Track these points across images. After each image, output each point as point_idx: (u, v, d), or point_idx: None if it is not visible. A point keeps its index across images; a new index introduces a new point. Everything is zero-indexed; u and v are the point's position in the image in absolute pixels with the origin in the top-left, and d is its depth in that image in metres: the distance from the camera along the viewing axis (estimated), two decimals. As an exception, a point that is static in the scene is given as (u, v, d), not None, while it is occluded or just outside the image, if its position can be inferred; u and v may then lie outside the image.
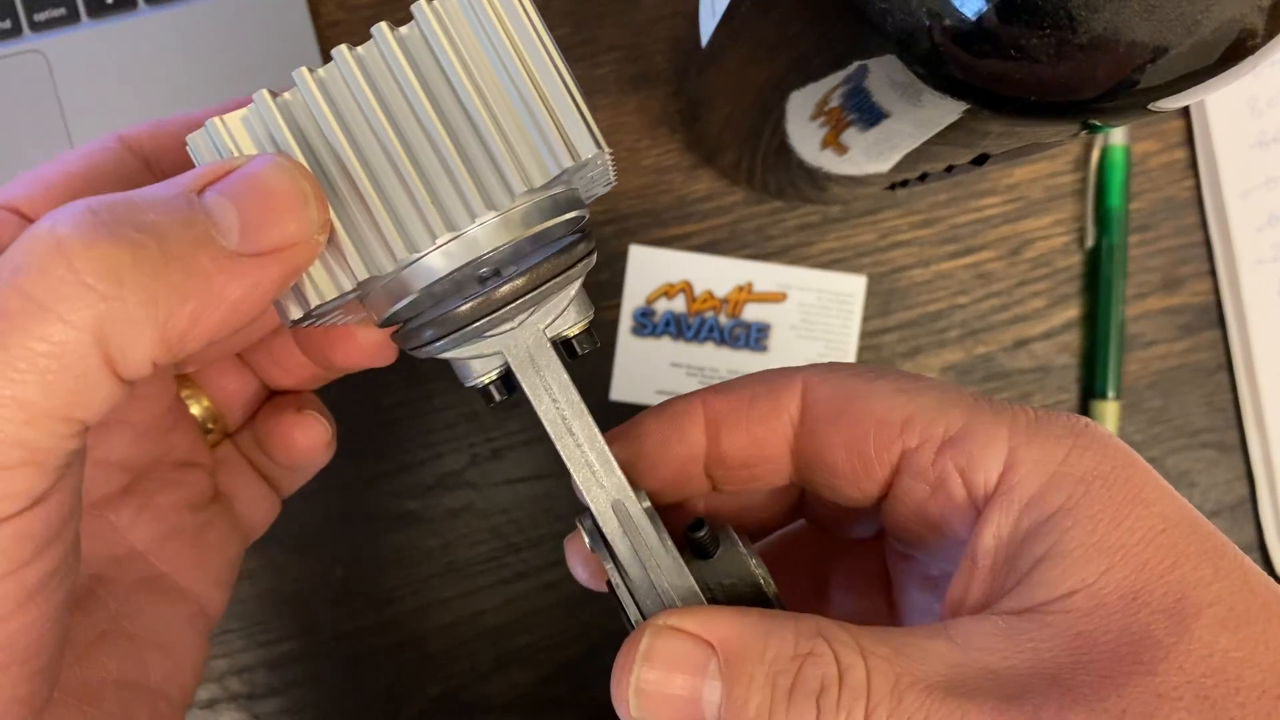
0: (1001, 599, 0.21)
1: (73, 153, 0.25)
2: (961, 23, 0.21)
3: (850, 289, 0.46)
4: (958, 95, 0.23)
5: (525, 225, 0.21)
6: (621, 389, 0.46)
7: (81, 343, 0.18)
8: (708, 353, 0.46)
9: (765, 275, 0.46)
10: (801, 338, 0.46)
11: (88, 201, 0.19)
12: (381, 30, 0.21)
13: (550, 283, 0.22)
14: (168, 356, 0.19)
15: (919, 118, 0.26)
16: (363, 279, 0.21)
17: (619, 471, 0.24)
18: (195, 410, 0.31)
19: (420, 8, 0.21)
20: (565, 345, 0.24)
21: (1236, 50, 0.21)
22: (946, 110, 0.24)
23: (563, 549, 0.27)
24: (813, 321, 0.46)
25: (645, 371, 0.46)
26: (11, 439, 0.18)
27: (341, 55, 0.21)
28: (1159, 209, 0.48)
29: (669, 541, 0.23)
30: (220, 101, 0.25)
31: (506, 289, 0.22)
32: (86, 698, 0.25)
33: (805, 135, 0.34)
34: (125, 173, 0.25)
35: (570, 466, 0.24)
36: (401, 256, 0.21)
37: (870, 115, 0.28)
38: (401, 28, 0.21)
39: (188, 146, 0.22)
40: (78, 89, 0.43)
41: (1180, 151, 0.48)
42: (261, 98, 0.21)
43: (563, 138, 0.21)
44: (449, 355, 0.24)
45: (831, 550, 0.30)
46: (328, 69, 0.21)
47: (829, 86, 0.28)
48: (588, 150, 0.21)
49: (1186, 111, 0.48)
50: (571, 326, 0.24)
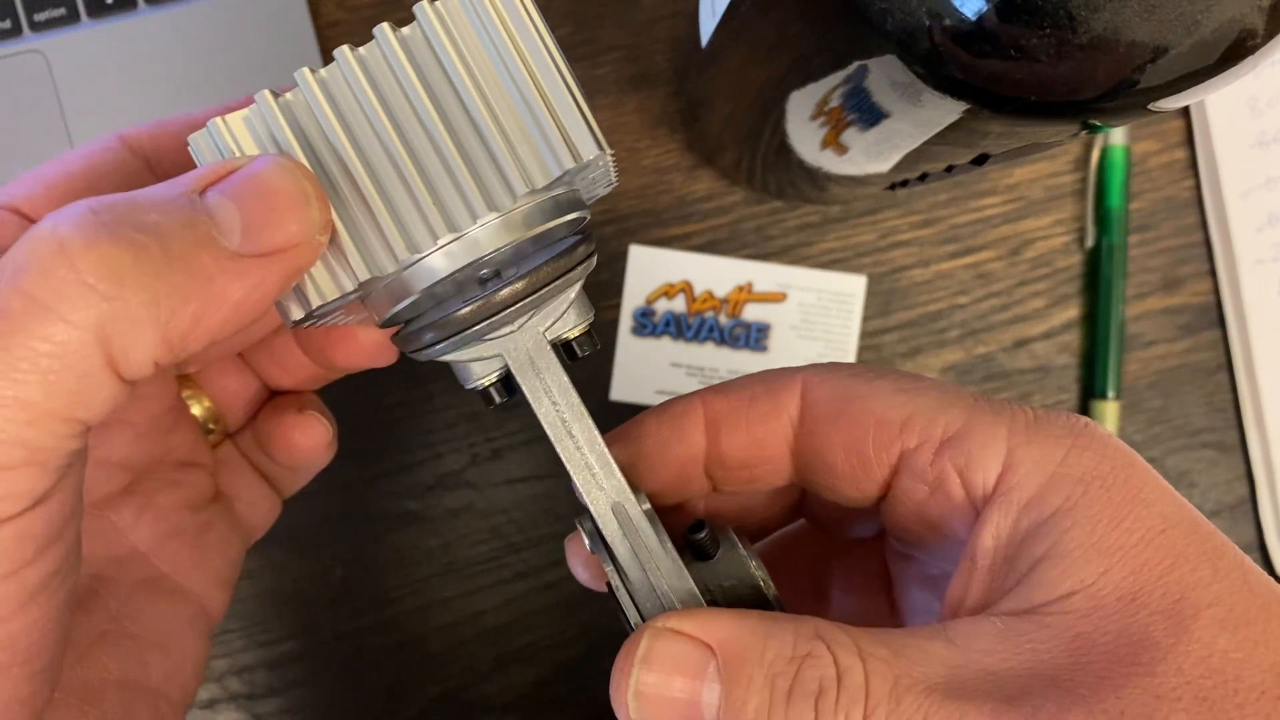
0: (1001, 600, 0.21)
1: (74, 153, 0.25)
2: (961, 23, 0.21)
3: (850, 289, 0.46)
4: (958, 95, 0.23)
5: (527, 226, 0.21)
6: (621, 389, 0.46)
7: (83, 343, 0.18)
8: (708, 353, 0.46)
9: (765, 275, 0.46)
10: (801, 338, 0.46)
11: (89, 202, 0.19)
12: (383, 31, 0.21)
13: (550, 285, 0.22)
14: (169, 357, 0.19)
15: (919, 118, 0.26)
16: (364, 279, 0.21)
17: (619, 474, 0.24)
18: (196, 410, 0.31)
19: (422, 8, 0.21)
20: (565, 347, 0.24)
21: (1236, 50, 0.21)
22: (946, 110, 0.24)
23: (563, 549, 0.27)
24: (813, 321, 0.46)
25: (645, 371, 0.46)
26: (13, 439, 0.18)
27: (343, 56, 0.21)
28: (1159, 209, 0.48)
29: (669, 543, 0.23)
30: (221, 101, 0.25)
31: (506, 292, 0.22)
32: (87, 698, 0.25)
33: (805, 135, 0.34)
34: (126, 173, 0.25)
35: (570, 469, 0.24)
36: (403, 257, 0.21)
37: (870, 115, 0.28)
38: (403, 28, 0.21)
39: (189, 147, 0.22)
40: (78, 89, 0.43)
41: (1180, 151, 0.48)
42: (263, 98, 0.21)
43: (564, 139, 0.21)
44: (449, 358, 0.23)
45: (831, 550, 0.30)
46: (329, 69, 0.21)
47: (829, 86, 0.28)
48: (589, 151, 0.21)
49: (1186, 111, 0.48)
50: (571, 329, 0.24)
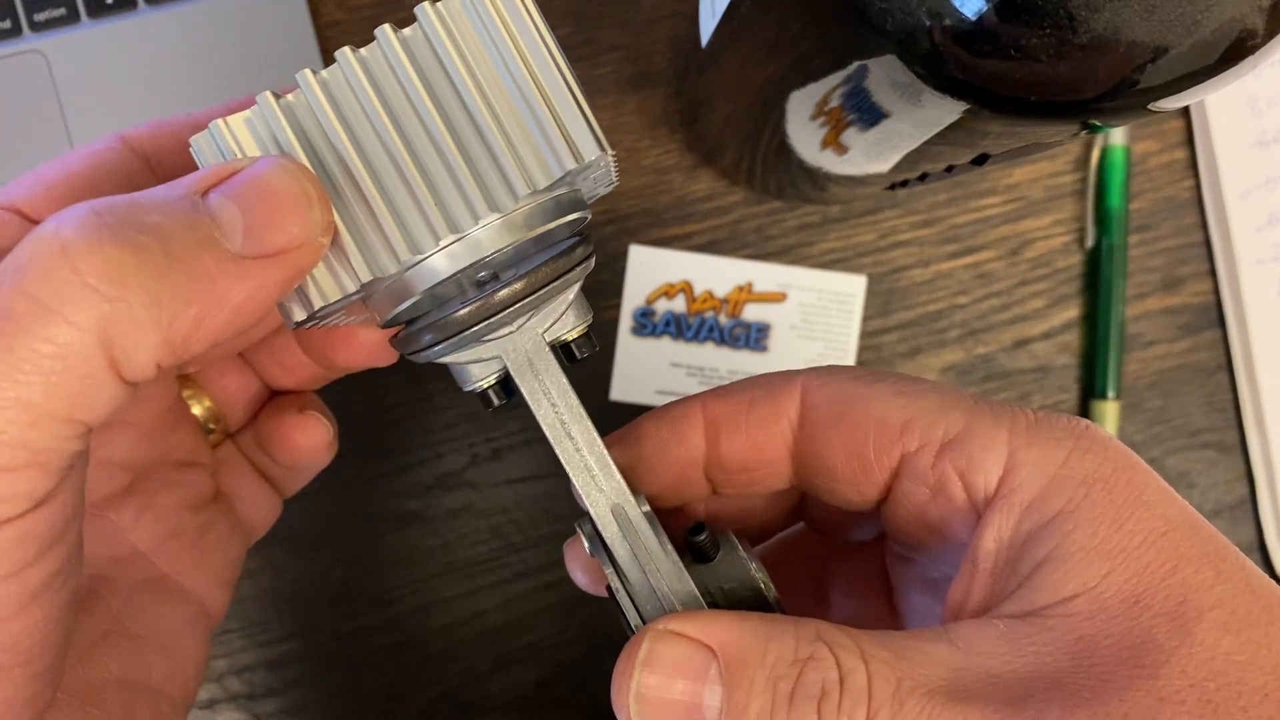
0: (1003, 602, 0.21)
1: (74, 153, 0.25)
2: (961, 23, 0.21)
3: (850, 289, 0.46)
4: (958, 95, 0.23)
5: (528, 227, 0.21)
6: (621, 389, 0.46)
7: (86, 344, 0.18)
8: (708, 353, 0.46)
9: (765, 275, 0.46)
10: (801, 338, 0.46)
11: (92, 203, 0.19)
12: (385, 32, 0.21)
13: (549, 286, 0.22)
14: (171, 358, 0.19)
15: (919, 118, 0.26)
16: (366, 280, 0.21)
17: (618, 476, 0.24)
18: (197, 410, 0.31)
19: (423, 9, 0.21)
20: (564, 349, 0.24)
21: (1236, 50, 0.21)
22: (946, 110, 0.24)
23: (562, 548, 0.27)
24: (813, 321, 0.46)
25: (645, 371, 0.46)
26: (15, 441, 0.18)
27: (344, 57, 0.21)
28: (1159, 209, 0.48)
29: (669, 546, 0.23)
30: (220, 101, 0.25)
31: (505, 293, 0.22)
32: (89, 698, 0.25)
33: (805, 135, 0.34)
34: (127, 173, 0.25)
35: (569, 471, 0.24)
36: (405, 258, 0.21)
37: (870, 115, 0.28)
38: (404, 29, 0.21)
39: (191, 148, 0.21)
40: (78, 89, 0.43)
41: (1180, 151, 0.48)
42: (265, 99, 0.21)
43: (566, 139, 0.21)
44: (447, 360, 0.23)
45: (832, 553, 0.30)
46: (331, 71, 0.21)
47: (829, 86, 0.28)
48: (591, 152, 0.21)
49: (1186, 111, 0.48)
50: (570, 330, 0.24)
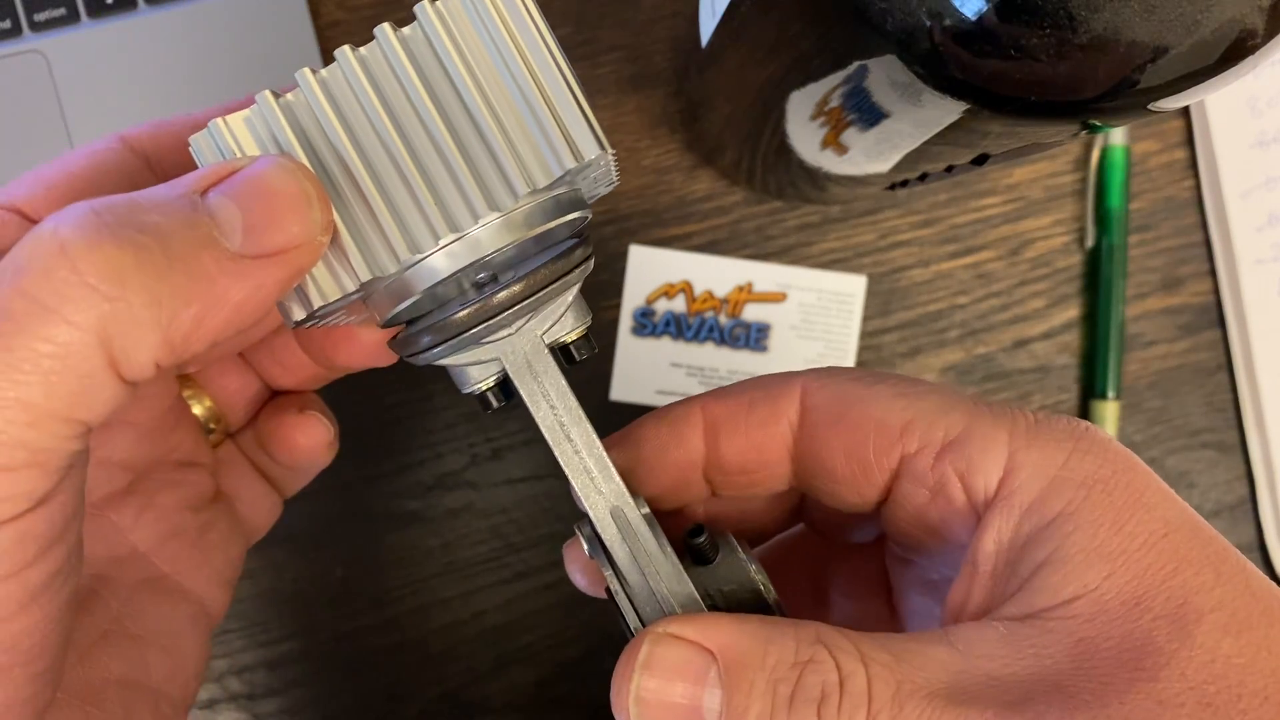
0: (1003, 604, 0.21)
1: (74, 153, 0.25)
2: (961, 23, 0.21)
3: (850, 289, 0.46)
4: (958, 95, 0.23)
5: (528, 226, 0.21)
6: (621, 389, 0.46)
7: (85, 344, 0.18)
8: (708, 353, 0.46)
9: (765, 275, 0.46)
10: (801, 338, 0.46)
11: (91, 203, 0.19)
12: (384, 31, 0.21)
13: (548, 288, 0.22)
14: (171, 358, 0.19)
15: (919, 118, 0.26)
16: (366, 280, 0.21)
17: (617, 478, 0.24)
18: (197, 410, 0.31)
19: (423, 8, 0.21)
20: (563, 351, 0.24)
21: (1236, 50, 0.21)
22: (946, 110, 0.24)
23: (562, 550, 0.27)
24: (813, 321, 0.46)
25: (645, 372, 0.46)
26: (15, 440, 0.18)
27: (344, 56, 0.21)
28: (1159, 209, 0.48)
29: (668, 548, 0.23)
30: (220, 101, 0.25)
31: (503, 295, 0.22)
32: (89, 698, 0.25)
33: (805, 135, 0.34)
34: (127, 173, 0.25)
35: (569, 473, 0.24)
36: (404, 257, 0.21)
37: (870, 115, 0.28)
38: (404, 28, 0.21)
39: (190, 147, 0.21)
40: (78, 89, 0.43)
41: (1180, 151, 0.48)
42: (264, 98, 0.21)
43: (566, 138, 0.21)
44: (446, 362, 0.23)
45: (831, 555, 0.30)
46: (330, 70, 0.21)
47: (829, 86, 0.28)
48: (591, 151, 0.21)
49: (1186, 111, 0.48)
50: (569, 332, 0.24)
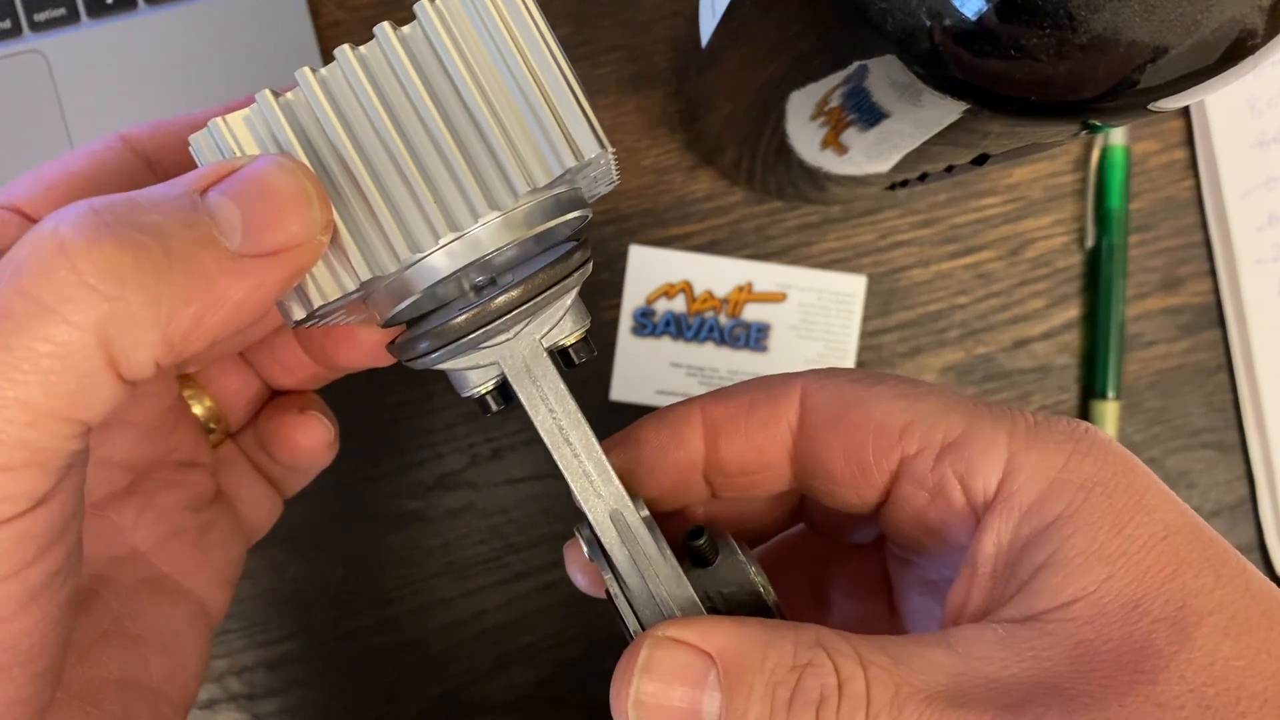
0: (1002, 606, 0.21)
1: (75, 153, 0.25)
2: (961, 23, 0.21)
3: (850, 289, 0.46)
4: (958, 95, 0.23)
5: (528, 225, 0.21)
6: (621, 389, 0.46)
7: (84, 343, 0.18)
8: (708, 353, 0.46)
9: (765, 275, 0.46)
10: (801, 338, 0.46)
11: (90, 202, 0.19)
12: (384, 30, 0.21)
13: (546, 292, 0.22)
14: (170, 357, 0.19)
15: (919, 118, 0.26)
16: (366, 279, 0.21)
17: (616, 481, 0.24)
18: (197, 410, 0.31)
19: (423, 7, 0.21)
20: (562, 355, 0.24)
21: (1236, 50, 0.21)
22: (946, 110, 0.24)
23: (562, 551, 0.27)
24: (813, 321, 0.46)
25: (645, 372, 0.46)
26: (14, 440, 0.18)
27: (344, 55, 0.21)
28: (1159, 209, 0.48)
29: (667, 551, 0.23)
30: (221, 101, 0.25)
31: (502, 299, 0.22)
32: (88, 698, 0.25)
33: (805, 135, 0.34)
34: (127, 172, 0.25)
35: (568, 476, 0.24)
36: (404, 256, 0.21)
37: (870, 115, 0.28)
38: (404, 27, 0.21)
39: (190, 147, 0.21)
40: (78, 89, 0.43)
41: (1180, 151, 0.48)
42: (264, 98, 0.21)
43: (566, 137, 0.21)
44: (445, 366, 0.23)
45: (831, 555, 0.30)
46: (330, 69, 0.21)
47: (829, 86, 0.28)
48: (591, 150, 0.21)
49: (1186, 111, 0.48)
50: (568, 336, 0.24)
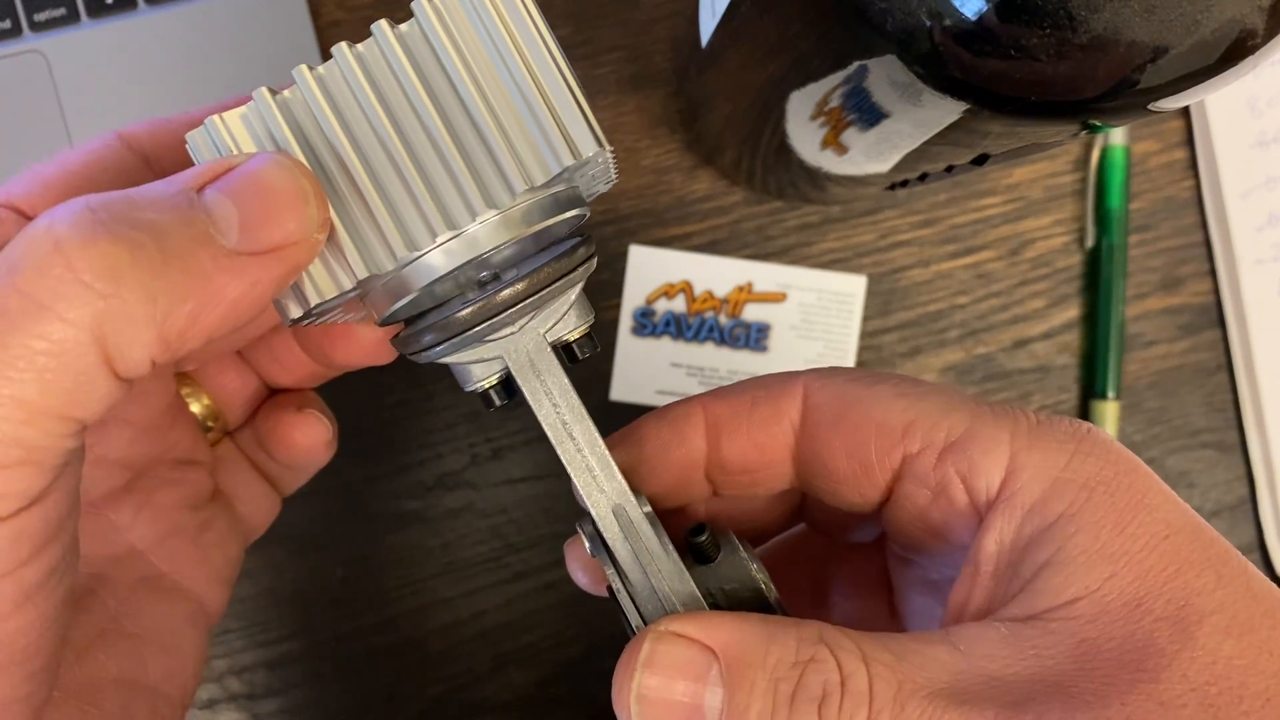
0: (1004, 605, 0.21)
1: (73, 151, 0.25)
2: (961, 23, 0.21)
3: (850, 289, 0.46)
4: (958, 95, 0.23)
5: (526, 223, 0.21)
6: (621, 389, 0.46)
7: (80, 341, 0.18)
8: (708, 353, 0.46)
9: (765, 275, 0.46)
10: (801, 338, 0.46)
11: (86, 199, 0.19)
12: (381, 28, 0.21)
13: (551, 287, 0.22)
14: (166, 355, 0.19)
15: (919, 118, 0.26)
16: (363, 277, 0.21)
17: (619, 476, 0.23)
18: (195, 408, 0.31)
19: (421, 5, 0.21)
20: (565, 349, 0.24)
21: (1236, 50, 0.21)
22: (946, 110, 0.24)
23: (563, 549, 0.27)
24: (813, 321, 0.46)
25: (645, 371, 0.46)
26: (9, 438, 0.18)
27: (341, 53, 0.21)
28: (1159, 209, 0.48)
29: (670, 546, 0.23)
30: (220, 101, 0.25)
31: (507, 293, 0.22)
32: (86, 697, 0.25)
33: (805, 135, 0.34)
34: (125, 170, 0.25)
35: (571, 471, 0.24)
36: (402, 255, 0.21)
37: (870, 115, 0.28)
38: (402, 25, 0.21)
39: (187, 145, 0.21)
40: (78, 89, 0.43)
41: (1180, 151, 0.48)
42: (261, 96, 0.21)
43: (564, 135, 0.21)
44: (449, 360, 0.23)
45: (833, 554, 0.30)
46: (327, 66, 0.21)
47: (829, 86, 0.28)
48: (589, 148, 0.21)
49: (1186, 111, 0.48)
50: (572, 331, 0.24)
